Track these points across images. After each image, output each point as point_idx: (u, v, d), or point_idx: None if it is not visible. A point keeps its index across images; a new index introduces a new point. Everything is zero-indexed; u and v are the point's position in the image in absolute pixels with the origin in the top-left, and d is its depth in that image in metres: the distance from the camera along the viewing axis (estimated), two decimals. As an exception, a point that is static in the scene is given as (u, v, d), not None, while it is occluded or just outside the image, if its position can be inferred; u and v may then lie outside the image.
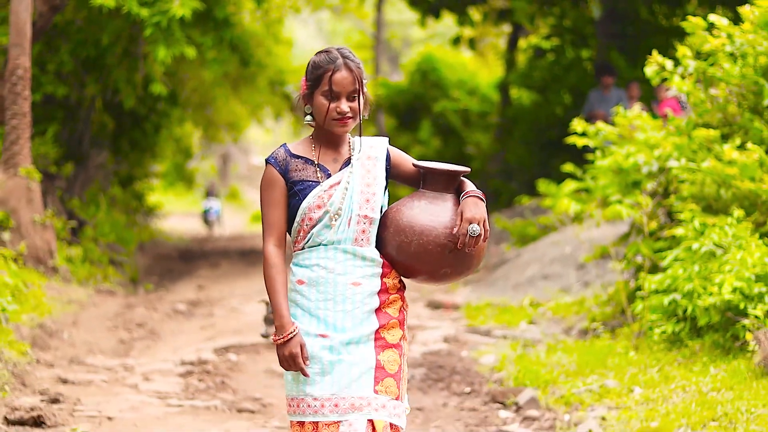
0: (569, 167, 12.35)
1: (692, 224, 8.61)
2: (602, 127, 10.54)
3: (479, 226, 4.05)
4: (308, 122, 4.23)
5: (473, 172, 3.70)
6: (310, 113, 4.21)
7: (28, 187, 12.22)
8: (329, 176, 4.19)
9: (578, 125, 10.54)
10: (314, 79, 4.15)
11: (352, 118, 4.16)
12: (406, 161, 4.31)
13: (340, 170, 4.21)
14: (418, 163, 4.25)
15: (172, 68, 16.36)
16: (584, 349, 9.15)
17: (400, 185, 4.83)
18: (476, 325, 11.37)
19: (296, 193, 4.16)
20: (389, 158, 4.29)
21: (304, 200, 4.15)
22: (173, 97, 18.78)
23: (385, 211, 4.23)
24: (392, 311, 4.21)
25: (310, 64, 4.20)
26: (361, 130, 4.26)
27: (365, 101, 4.21)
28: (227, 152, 43.01)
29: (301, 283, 4.17)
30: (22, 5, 12.07)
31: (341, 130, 4.17)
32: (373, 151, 4.27)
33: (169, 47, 14.00)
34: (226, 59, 16.41)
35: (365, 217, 4.16)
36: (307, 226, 4.16)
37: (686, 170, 9.11)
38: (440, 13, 22.02)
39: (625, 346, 8.87)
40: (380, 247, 4.20)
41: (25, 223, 12.12)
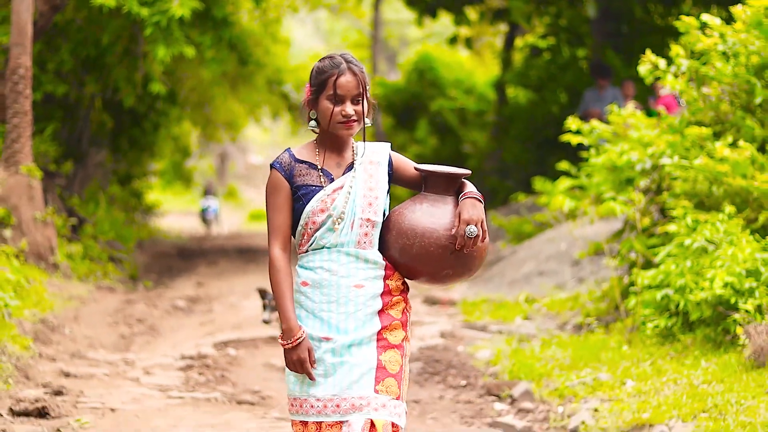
0: (564, 165, 12.45)
1: (684, 221, 8.70)
2: (596, 125, 10.67)
3: (477, 227, 4.11)
4: (312, 128, 4.29)
5: (471, 170, 3.76)
6: (314, 119, 4.28)
7: (29, 184, 12.29)
8: (332, 180, 4.25)
9: (573, 123, 10.67)
10: (319, 84, 4.21)
11: (357, 121, 4.22)
12: (407, 165, 4.37)
13: (343, 175, 4.27)
14: (419, 166, 4.31)
15: (170, 67, 16.43)
16: (578, 343, 9.26)
17: (401, 189, 4.90)
18: (472, 320, 11.47)
19: (300, 197, 4.22)
20: (391, 163, 4.35)
21: (307, 204, 4.21)
22: (172, 96, 18.83)
23: (387, 214, 4.30)
24: (395, 313, 4.27)
25: (314, 69, 4.25)
26: (364, 135, 4.34)
27: (369, 106, 4.28)
28: (225, 151, 43.06)
29: (305, 285, 4.24)
30: (23, 5, 12.13)
31: (346, 133, 4.23)
32: (375, 155, 4.33)
33: (168, 46, 14.08)
34: (224, 58, 16.43)
35: (368, 220, 4.22)
36: (310, 229, 4.22)
37: (679, 167, 9.20)
38: (437, 12, 22.01)
39: (618, 340, 8.98)
40: (383, 249, 4.26)
41: (26, 220, 12.20)
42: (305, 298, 4.23)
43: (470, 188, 4.24)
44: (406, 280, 4.33)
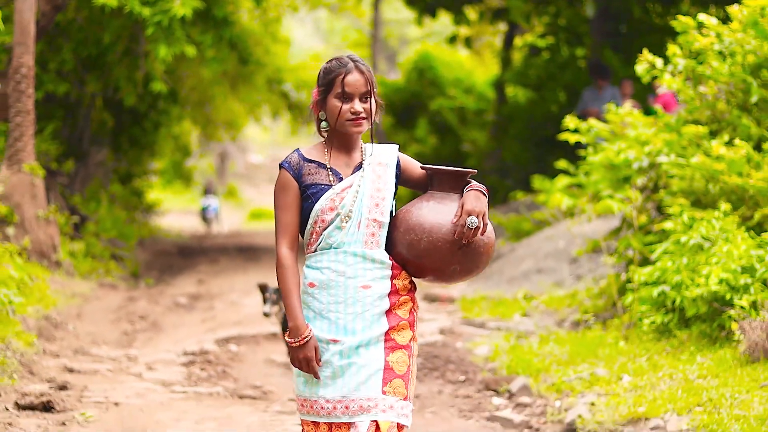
0: (563, 164, 12.55)
1: (681, 218, 8.79)
2: (594, 124, 10.76)
3: (478, 218, 4.15)
4: (323, 129, 4.31)
5: (475, 170, 3.81)
6: (324, 119, 4.31)
7: (31, 183, 12.37)
8: (341, 180, 4.28)
9: (571, 122, 10.75)
10: (327, 83, 4.25)
11: (365, 118, 4.25)
12: (414, 166, 4.41)
13: (351, 174, 4.30)
14: (425, 165, 4.37)
15: (171, 66, 16.45)
16: (576, 339, 9.35)
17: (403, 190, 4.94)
18: (471, 317, 11.53)
19: (309, 196, 4.25)
20: (399, 164, 4.39)
21: (316, 203, 4.23)
22: (173, 95, 18.86)
23: (395, 213, 4.33)
24: (402, 313, 4.31)
25: (321, 71, 4.30)
26: (372, 135, 4.38)
27: (377, 106, 4.32)
28: (225, 150, 43.05)
29: (312, 285, 4.26)
30: (26, 4, 12.18)
31: (356, 130, 4.26)
32: (384, 157, 4.36)
33: (169, 46, 14.12)
34: (225, 58, 16.44)
35: (375, 220, 4.25)
36: (319, 228, 4.25)
37: (675, 166, 9.30)
38: (436, 12, 22.03)
39: (615, 336, 9.07)
40: (391, 247, 4.29)
41: (29, 218, 12.27)
42: (312, 299, 4.25)
43: (475, 183, 4.30)
44: (413, 279, 4.35)
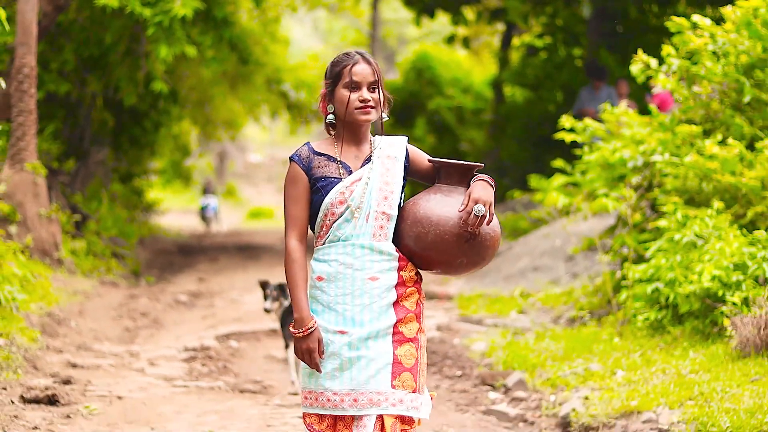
0: (559, 162, 12.65)
1: (675, 216, 8.91)
2: (590, 123, 10.88)
3: (485, 207, 4.17)
4: (330, 120, 4.35)
5: (482, 163, 3.87)
6: (332, 112, 4.35)
7: (34, 181, 12.47)
8: (351, 173, 4.32)
9: (566, 122, 10.87)
10: (334, 75, 4.31)
11: (373, 107, 4.30)
12: (422, 159, 4.46)
13: (361, 167, 4.34)
14: (432, 158, 4.42)
15: (171, 66, 16.54)
16: (571, 336, 9.47)
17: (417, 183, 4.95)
18: (468, 314, 11.65)
19: (319, 189, 4.29)
20: (408, 156, 4.45)
21: (326, 196, 4.27)
22: (173, 94, 18.94)
23: (402, 205, 4.36)
24: (409, 305, 4.31)
25: (328, 65, 4.37)
26: (382, 128, 4.46)
27: (385, 98, 4.36)
28: (224, 150, 43.14)
29: (320, 279, 4.28)
30: (28, 5, 12.28)
31: (364, 118, 4.30)
32: (393, 150, 4.41)
33: (170, 46, 14.20)
34: (225, 58, 16.51)
35: (383, 213, 4.28)
36: (329, 221, 4.28)
37: (670, 164, 9.41)
38: (435, 12, 22.12)
39: (610, 333, 9.19)
40: (398, 239, 4.31)
41: (31, 216, 12.37)
42: (320, 292, 4.28)
43: (483, 174, 4.34)
44: (419, 270, 4.38)
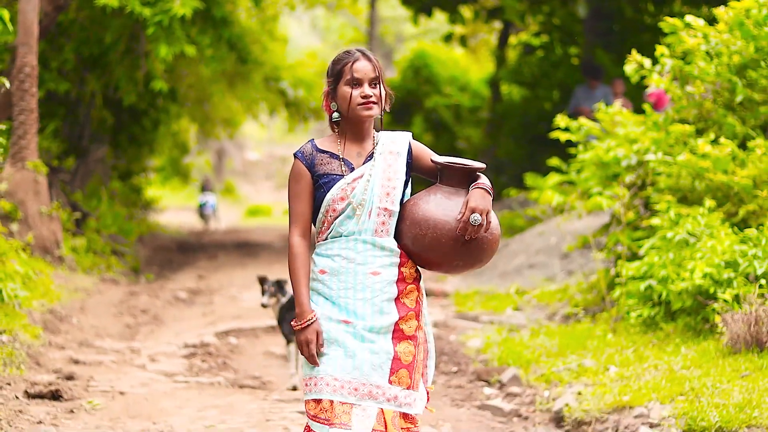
0: (555, 161, 12.77)
1: (668, 214, 9.03)
2: (584, 122, 11.00)
3: (482, 216, 4.25)
4: (335, 119, 4.43)
5: (485, 164, 3.90)
6: (335, 109, 4.43)
7: (35, 180, 12.56)
8: (353, 170, 4.39)
9: (561, 120, 11.00)
10: (336, 73, 4.40)
11: (375, 103, 4.39)
12: (426, 156, 4.49)
13: (363, 164, 4.41)
14: (435, 158, 4.43)
15: (170, 65, 16.61)
16: (565, 332, 9.59)
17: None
18: (464, 311, 11.76)
19: (321, 185, 4.37)
20: (411, 152, 4.49)
21: (328, 192, 4.35)
22: (172, 93, 19.03)
23: (403, 203, 4.41)
24: (409, 302, 4.40)
25: (330, 63, 4.46)
26: (381, 123, 4.54)
27: (386, 94, 4.46)
28: (222, 147, 43.21)
29: (323, 273, 4.37)
30: (29, 5, 12.36)
31: (367, 114, 4.38)
32: (395, 146, 4.46)
33: (170, 45, 14.29)
34: (224, 57, 16.58)
35: (385, 209, 4.35)
36: (331, 217, 4.36)
37: (663, 163, 9.53)
38: (432, 11, 22.19)
39: (603, 329, 9.31)
40: (397, 238, 4.39)
41: (32, 214, 12.47)
42: (323, 285, 4.37)
43: (482, 180, 4.39)
44: (418, 267, 4.46)
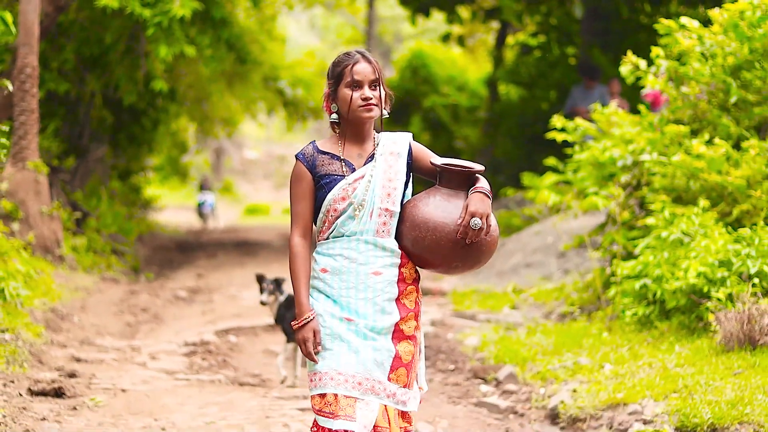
0: (551, 161, 12.87)
1: (662, 214, 9.14)
2: (580, 123, 11.10)
3: (481, 220, 4.30)
4: (334, 120, 4.49)
5: (484, 167, 3.94)
6: (336, 111, 4.48)
7: (35, 179, 12.66)
8: (354, 171, 4.44)
9: (558, 121, 11.10)
10: (336, 75, 4.45)
11: (376, 104, 4.43)
12: (426, 157, 4.53)
13: (364, 165, 4.46)
14: (435, 161, 4.47)
15: (170, 65, 16.69)
16: (561, 331, 9.69)
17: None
18: (462, 310, 11.85)
19: (323, 186, 4.42)
20: (411, 153, 4.53)
21: (329, 192, 4.40)
22: (171, 92, 19.11)
23: (403, 204, 4.46)
24: (409, 303, 4.46)
25: (330, 66, 4.51)
26: (381, 124, 4.60)
27: (386, 95, 4.51)
28: (221, 146, 43.31)
29: (324, 271, 4.42)
30: (30, 6, 12.45)
31: (367, 115, 4.43)
32: (396, 147, 4.51)
33: (170, 46, 14.40)
34: (223, 57, 16.68)
35: (386, 210, 4.40)
36: (332, 217, 4.41)
37: (658, 164, 9.64)
38: (430, 11, 22.26)
39: (599, 328, 9.41)
40: (397, 239, 4.44)
41: (33, 214, 12.56)
42: (324, 284, 4.42)
43: (482, 183, 4.43)
44: (418, 268, 4.52)
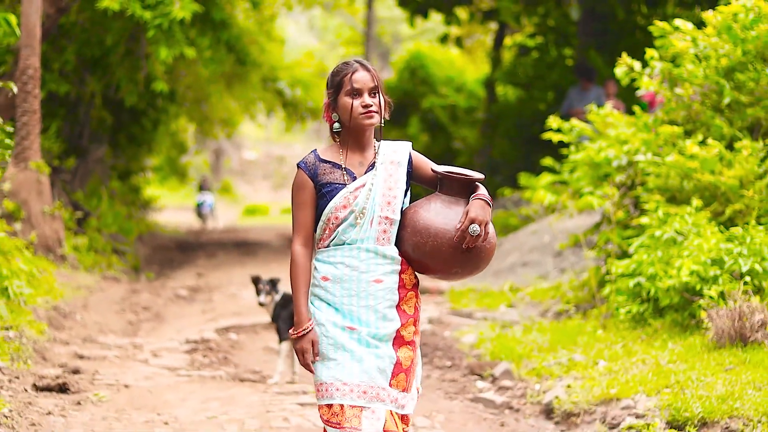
0: (548, 161, 12.99)
1: (656, 214, 9.26)
2: (576, 123, 11.23)
3: (480, 227, 4.34)
4: (336, 129, 4.52)
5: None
6: (336, 120, 4.52)
7: (37, 180, 12.77)
8: (355, 179, 4.47)
9: (554, 122, 11.23)
10: (336, 84, 4.49)
11: (376, 112, 4.45)
12: (426, 166, 4.57)
13: (365, 173, 4.49)
14: (436, 168, 4.52)
15: (169, 66, 16.81)
16: (557, 328, 9.82)
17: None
18: (459, 308, 11.97)
19: (324, 194, 4.45)
20: (411, 162, 4.57)
21: (331, 200, 4.43)
22: (171, 93, 19.22)
23: (403, 210, 4.50)
24: (409, 309, 4.51)
25: (329, 75, 4.54)
26: (381, 131, 4.65)
27: (386, 103, 4.53)
28: (220, 147, 43.45)
29: (325, 279, 4.45)
30: (32, 7, 12.55)
31: (368, 122, 4.46)
32: (396, 156, 4.54)
33: (170, 48, 14.52)
34: (222, 58, 16.77)
35: (386, 218, 4.44)
36: (333, 224, 4.44)
37: (652, 164, 9.76)
38: (428, 12, 22.36)
39: (594, 325, 9.55)
40: (398, 245, 4.48)
41: (35, 213, 12.67)
42: (326, 292, 4.45)
43: (482, 191, 4.46)
44: (417, 274, 4.55)
